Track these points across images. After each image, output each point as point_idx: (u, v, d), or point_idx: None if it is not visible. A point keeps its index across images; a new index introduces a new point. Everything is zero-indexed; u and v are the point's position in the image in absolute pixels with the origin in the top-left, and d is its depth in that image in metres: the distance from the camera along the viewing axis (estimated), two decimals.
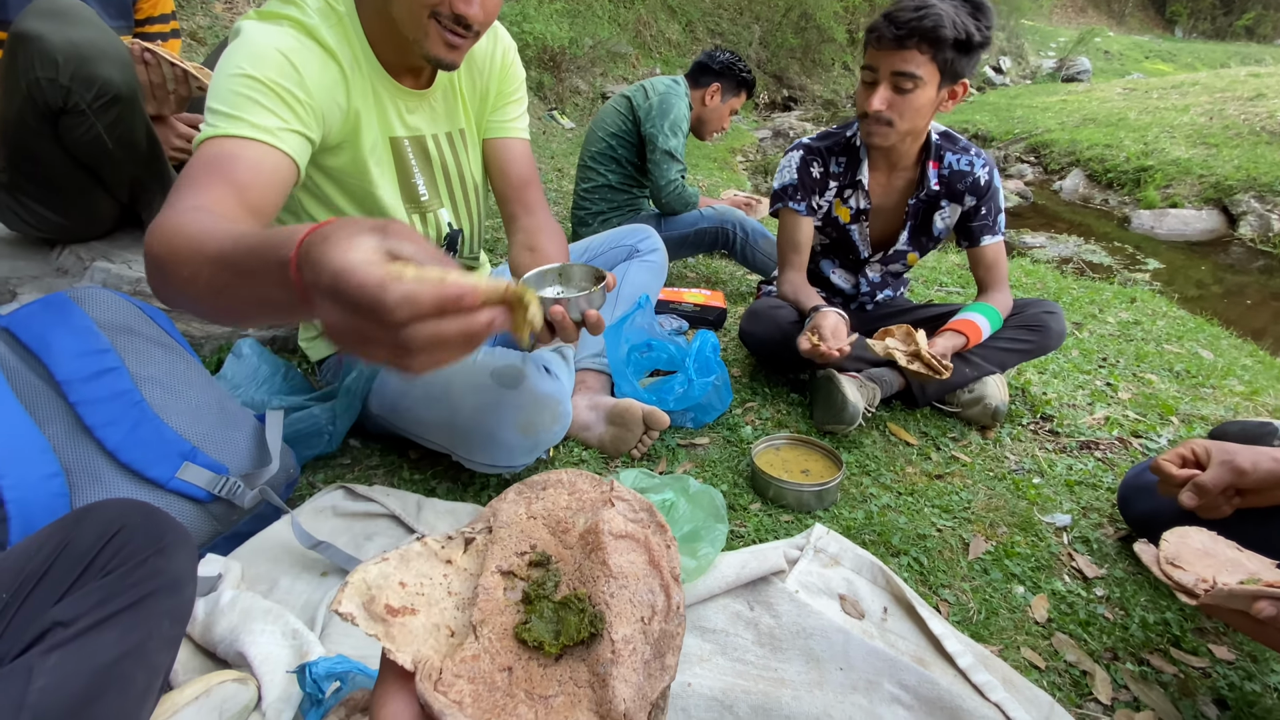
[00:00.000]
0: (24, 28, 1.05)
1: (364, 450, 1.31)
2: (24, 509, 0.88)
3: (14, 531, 0.87)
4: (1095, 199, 5.97)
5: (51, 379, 0.97)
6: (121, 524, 0.69)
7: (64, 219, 1.33)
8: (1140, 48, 17.25)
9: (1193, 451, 0.89)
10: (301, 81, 0.90)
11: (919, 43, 1.25)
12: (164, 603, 0.68)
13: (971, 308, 1.52)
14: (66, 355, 0.98)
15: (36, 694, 0.57)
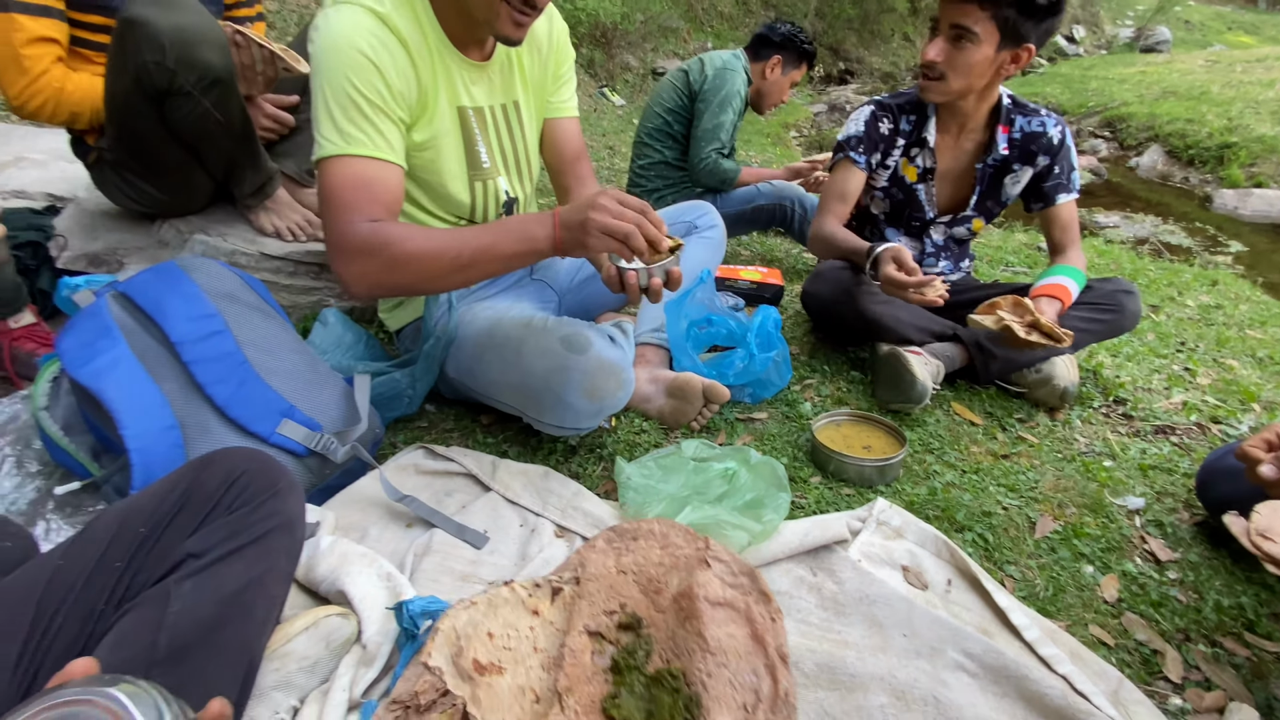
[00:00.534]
0: (133, 14, 1.12)
1: (439, 414, 1.38)
2: (145, 458, 0.97)
3: (136, 479, 0.96)
4: (1175, 176, 5.61)
5: (166, 340, 1.06)
6: (242, 469, 0.76)
7: (164, 194, 1.43)
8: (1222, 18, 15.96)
9: (1276, 434, 0.86)
10: (388, 83, 0.99)
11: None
12: (280, 540, 0.75)
13: (1055, 270, 1.48)
14: (179, 318, 1.07)
15: (173, 616, 0.64)
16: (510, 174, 1.27)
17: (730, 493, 1.04)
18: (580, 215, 0.92)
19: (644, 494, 1.04)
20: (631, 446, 1.26)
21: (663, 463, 1.13)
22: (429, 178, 1.16)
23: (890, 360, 1.39)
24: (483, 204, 1.23)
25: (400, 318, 1.39)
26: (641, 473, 1.10)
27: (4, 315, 1.32)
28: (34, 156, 2.01)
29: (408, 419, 1.36)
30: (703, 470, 1.09)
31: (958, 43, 1.30)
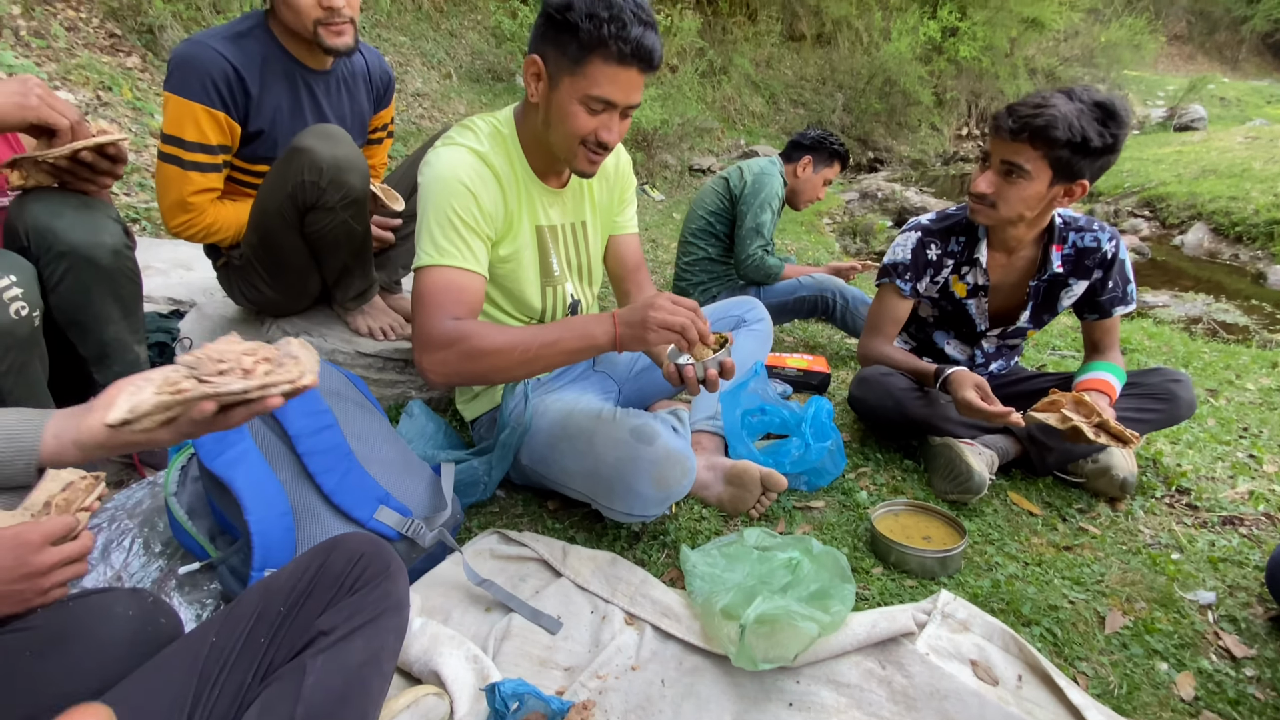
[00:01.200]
0: (302, 143, 1.36)
1: (509, 500, 1.47)
2: (264, 540, 1.09)
3: (256, 559, 1.08)
4: (1223, 254, 5.56)
5: (284, 433, 1.20)
6: (362, 552, 0.86)
7: (281, 295, 1.63)
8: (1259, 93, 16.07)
9: None
10: (479, 207, 1.18)
11: (1030, 138, 1.29)
12: (392, 620, 0.83)
13: (1098, 366, 1.51)
14: (296, 414, 1.21)
15: (308, 690, 0.72)
16: (575, 280, 1.44)
17: (795, 583, 1.08)
18: (639, 314, 1.08)
19: (711, 582, 1.10)
20: (693, 534, 1.32)
21: (726, 551, 1.18)
22: (509, 284, 1.33)
23: (944, 451, 1.43)
24: (552, 306, 1.40)
25: (476, 408, 1.52)
26: (706, 561, 1.15)
27: None
28: (156, 265, 2.29)
29: (481, 504, 1.46)
30: (766, 559, 1.13)
31: (1009, 177, 1.34)
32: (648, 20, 1.06)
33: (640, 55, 1.06)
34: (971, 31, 9.70)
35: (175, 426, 0.66)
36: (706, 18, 8.49)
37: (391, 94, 1.72)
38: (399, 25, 5.94)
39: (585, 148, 1.17)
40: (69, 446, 0.67)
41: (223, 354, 0.68)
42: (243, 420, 0.69)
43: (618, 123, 1.15)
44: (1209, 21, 20.78)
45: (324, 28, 1.39)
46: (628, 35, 1.03)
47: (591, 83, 1.09)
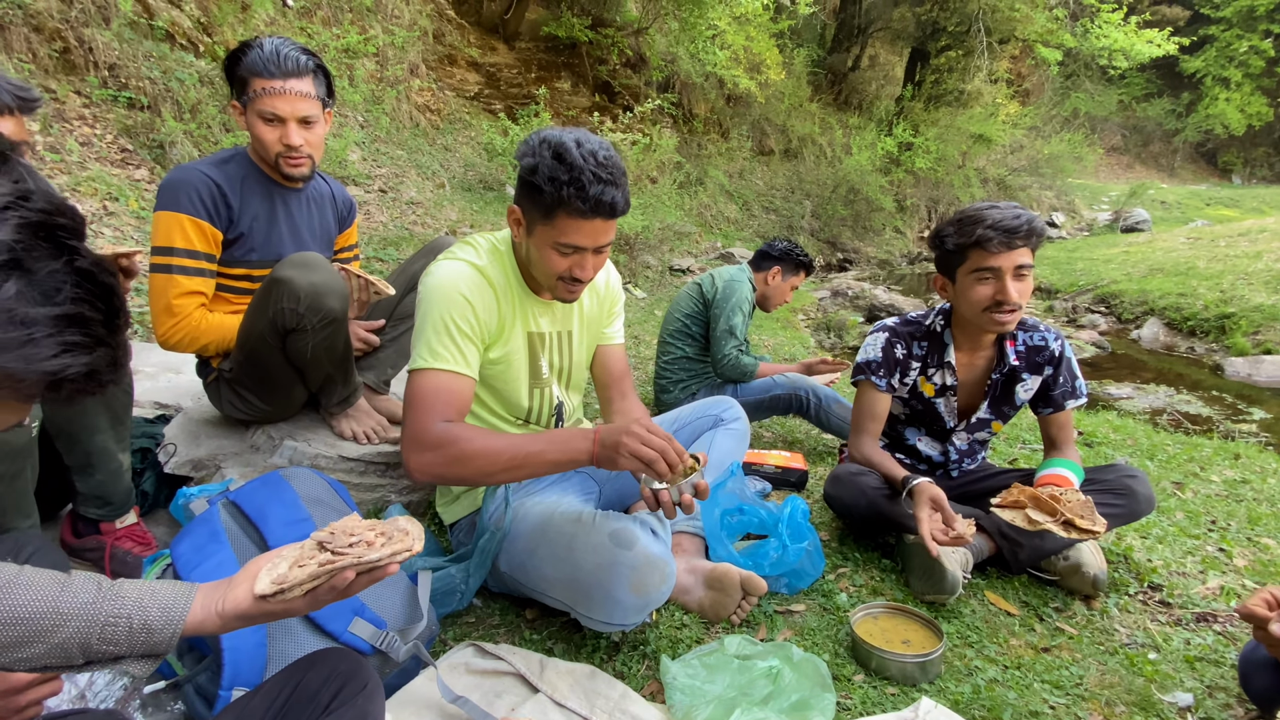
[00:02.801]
0: (280, 274, 1.45)
1: (485, 609, 1.45)
2: (235, 655, 1.07)
3: (225, 676, 1.05)
4: (1179, 346, 5.84)
5: (264, 543, 1.20)
6: (339, 670, 0.85)
7: (269, 406, 1.68)
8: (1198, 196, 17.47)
9: (1273, 595, 0.91)
10: (474, 315, 1.28)
11: (1025, 239, 1.47)
12: None
13: (1055, 463, 1.57)
14: (277, 523, 1.22)
15: None
16: (561, 384, 1.51)
17: (776, 693, 1.07)
18: (615, 437, 1.13)
19: (691, 695, 1.08)
20: (674, 642, 1.30)
21: (706, 661, 1.17)
22: (499, 384, 1.40)
23: (918, 550, 1.46)
24: (539, 406, 1.46)
25: (455, 512, 1.53)
26: (687, 672, 1.14)
27: (113, 516, 1.49)
28: (145, 369, 2.33)
29: (456, 614, 1.43)
30: (747, 669, 1.12)
31: (1021, 278, 1.50)
32: (607, 177, 1.18)
33: (600, 210, 1.19)
34: (925, 146, 10.63)
35: (314, 595, 0.71)
36: (683, 135, 9.23)
37: (354, 218, 1.88)
38: (397, 141, 6.38)
39: (563, 282, 1.29)
40: (213, 616, 0.70)
41: (351, 529, 0.76)
42: (364, 587, 0.74)
43: (591, 260, 1.26)
44: (1142, 134, 22.95)
45: (283, 159, 1.57)
46: (586, 195, 1.16)
47: (559, 232, 1.22)
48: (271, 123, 1.53)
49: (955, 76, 12.09)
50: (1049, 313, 7.12)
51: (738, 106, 10.31)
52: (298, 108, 1.53)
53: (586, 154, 1.18)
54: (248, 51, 1.50)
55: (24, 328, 0.40)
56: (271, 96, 1.51)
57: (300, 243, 1.68)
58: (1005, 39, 11.82)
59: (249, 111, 1.53)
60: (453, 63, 8.04)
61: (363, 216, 5.13)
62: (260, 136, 1.55)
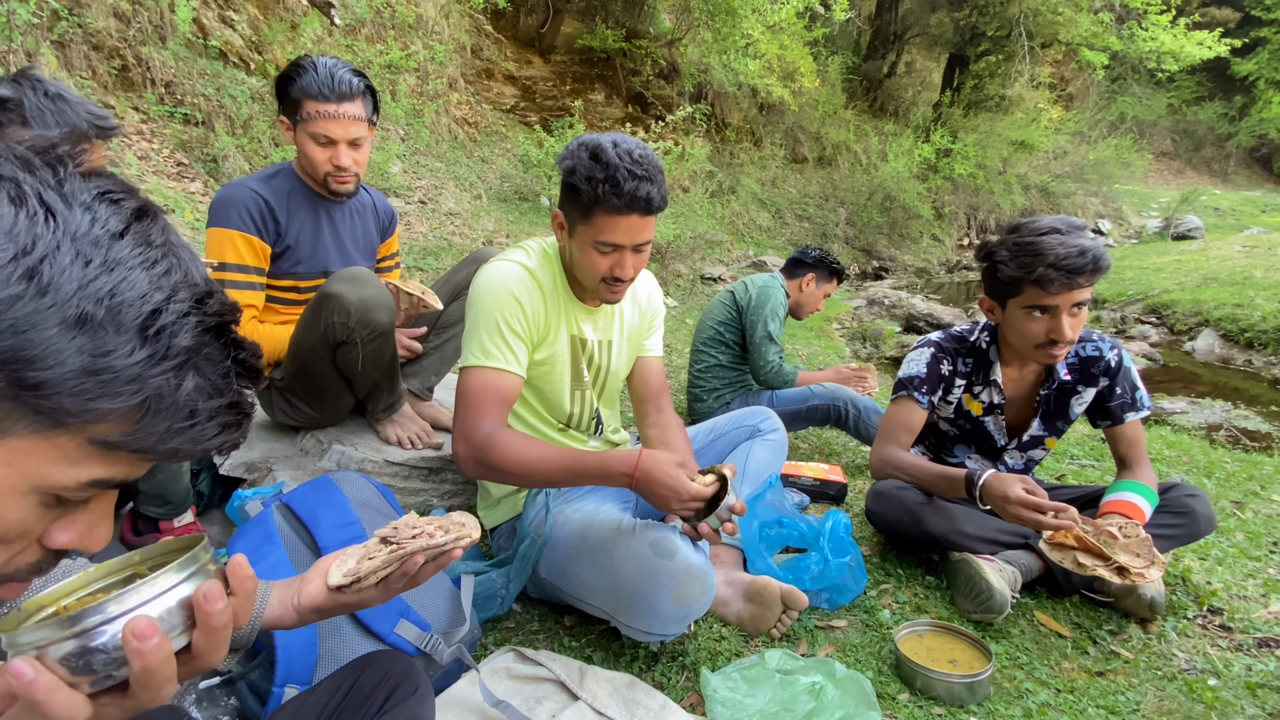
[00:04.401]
0: (330, 289, 1.51)
1: (525, 615, 1.47)
2: (288, 654, 1.11)
3: (279, 673, 1.09)
4: (1235, 359, 5.58)
5: (315, 545, 1.24)
6: (393, 672, 0.88)
7: (318, 413, 1.73)
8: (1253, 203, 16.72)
9: None
10: (524, 315, 1.33)
11: (1090, 277, 1.40)
12: None
13: (1125, 486, 1.49)
14: (328, 526, 1.26)
15: None
16: (595, 392, 1.53)
17: (818, 710, 1.06)
18: (650, 482, 1.18)
19: (732, 708, 1.07)
20: (714, 655, 1.30)
21: (747, 674, 1.16)
22: (543, 385, 1.44)
23: (964, 568, 1.42)
24: (579, 411, 1.49)
25: (495, 516, 1.55)
26: (727, 685, 1.13)
27: (171, 515, 1.55)
28: None
29: (496, 619, 1.45)
30: (789, 684, 1.11)
31: (1075, 315, 1.44)
32: (642, 173, 1.20)
33: (636, 205, 1.21)
34: (964, 152, 10.41)
35: (387, 584, 0.73)
36: (715, 144, 9.23)
37: (395, 228, 1.94)
38: (436, 153, 6.54)
39: (605, 283, 1.32)
40: (290, 611, 0.73)
41: (412, 523, 0.80)
42: (432, 574, 0.76)
43: (630, 259, 1.29)
44: (1193, 139, 22.09)
45: (332, 178, 1.63)
46: (621, 190, 1.19)
47: (598, 231, 1.25)
48: (324, 145, 1.59)
49: (996, 82, 11.83)
50: (1096, 323, 6.89)
51: (771, 115, 10.27)
52: (349, 130, 1.59)
53: (622, 153, 1.21)
54: (301, 74, 1.56)
55: (194, 417, 0.44)
56: (325, 120, 1.56)
57: (344, 253, 1.74)
58: (1048, 43, 11.53)
59: (299, 130, 1.59)
60: (490, 76, 8.21)
61: (403, 227, 5.27)
62: (311, 155, 1.61)
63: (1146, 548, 1.30)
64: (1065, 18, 10.74)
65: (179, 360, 0.43)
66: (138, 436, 0.43)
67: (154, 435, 0.43)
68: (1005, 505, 1.34)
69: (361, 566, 0.73)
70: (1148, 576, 1.25)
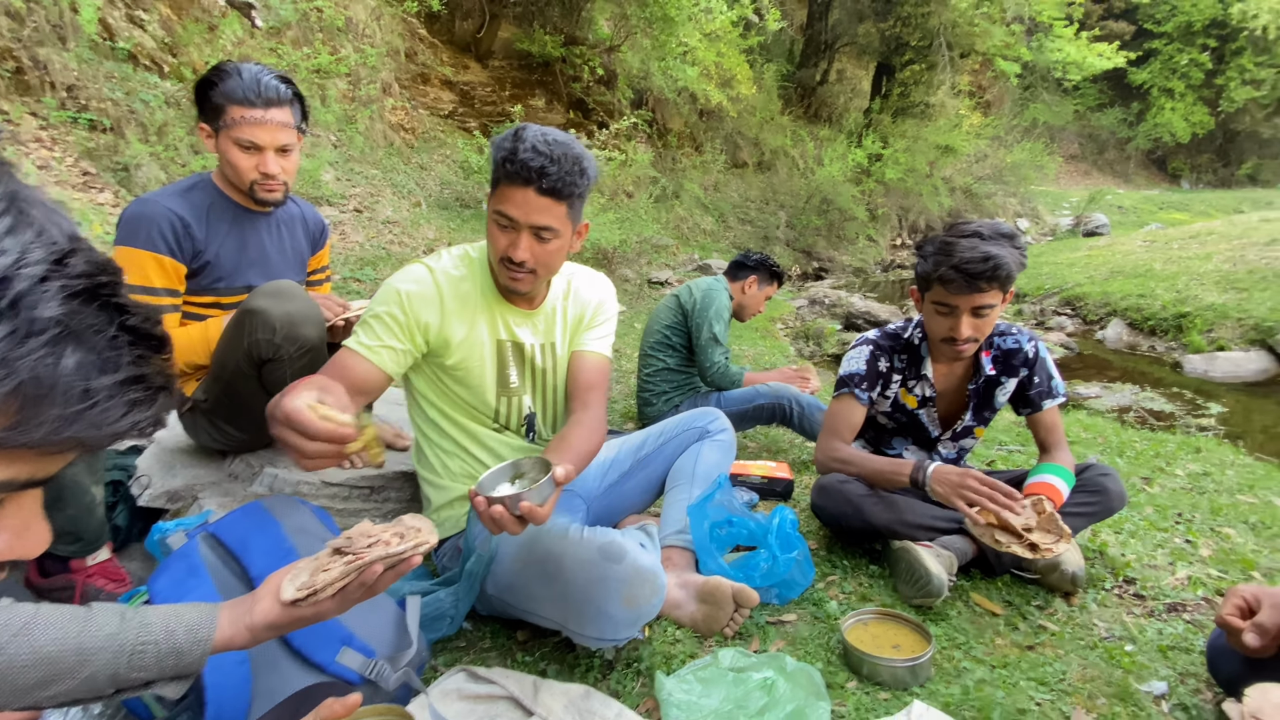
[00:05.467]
0: (253, 305, 1.44)
1: (476, 632, 1.44)
2: (218, 693, 1.04)
3: (209, 715, 1.03)
4: (1141, 346, 6.04)
5: (246, 575, 1.18)
6: None
7: (246, 435, 1.65)
8: (1151, 201, 18.16)
9: (1244, 599, 0.96)
10: (405, 312, 1.31)
11: (989, 283, 1.47)
12: None
13: (1044, 469, 1.60)
14: (260, 554, 1.20)
15: None
16: (537, 396, 1.52)
17: (771, 704, 1.08)
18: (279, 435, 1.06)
19: (687, 710, 1.08)
20: (668, 658, 1.31)
21: (701, 675, 1.17)
22: (459, 388, 1.43)
23: (904, 555, 1.48)
24: (506, 412, 1.48)
25: (438, 533, 1.51)
26: (682, 688, 1.14)
27: (84, 553, 1.44)
28: None
29: (447, 639, 1.41)
30: (742, 681, 1.13)
31: (980, 316, 1.51)
32: (546, 151, 1.21)
33: (529, 177, 1.21)
34: (894, 157, 10.89)
35: (344, 594, 0.71)
36: (658, 150, 9.32)
37: (326, 239, 1.88)
38: (371, 160, 6.34)
39: (504, 266, 1.31)
40: (242, 631, 0.70)
41: (367, 531, 0.77)
42: (391, 582, 0.74)
43: (526, 241, 1.27)
44: (1097, 143, 23.82)
45: (259, 186, 1.57)
46: (517, 159, 1.21)
47: (496, 200, 1.27)
48: (249, 151, 1.53)
49: (920, 89, 12.44)
50: (1018, 316, 7.31)
51: (711, 120, 10.46)
52: (277, 137, 1.54)
53: (538, 133, 1.23)
54: (224, 78, 1.49)
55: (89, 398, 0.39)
56: (251, 126, 1.50)
57: (269, 268, 1.67)
58: (966, 53, 12.21)
59: (222, 137, 1.52)
60: (426, 81, 8.03)
61: (338, 237, 5.09)
62: (235, 163, 1.54)
63: (1055, 524, 1.41)
64: (981, 29, 11.41)
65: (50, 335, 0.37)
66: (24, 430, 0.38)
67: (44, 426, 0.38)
68: (959, 489, 1.43)
69: (317, 579, 0.70)
70: (1055, 550, 1.37)
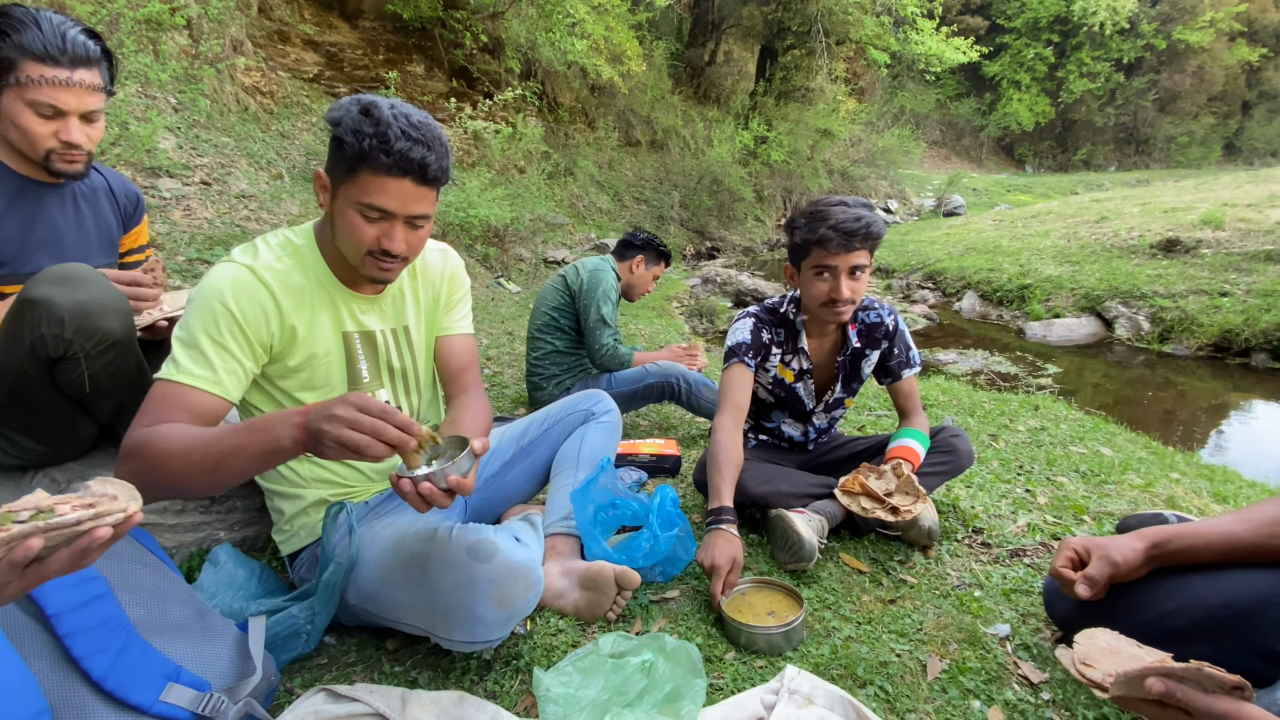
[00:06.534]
0: (33, 294, 1.19)
1: (340, 647, 1.32)
2: None
3: None
4: (991, 315, 6.72)
5: (41, 614, 0.99)
6: None
7: (47, 447, 1.39)
8: (1001, 184, 20.24)
9: (1074, 551, 1.07)
10: (241, 326, 1.15)
11: (863, 241, 1.57)
12: None
13: (903, 434, 1.73)
14: (56, 587, 1.01)
15: None
16: (395, 387, 1.40)
17: (650, 687, 1.07)
18: (317, 423, 0.94)
19: (565, 704, 1.05)
20: (549, 650, 1.26)
21: (580, 665, 1.14)
22: (303, 393, 1.27)
23: (778, 523, 1.53)
24: None
25: (294, 543, 1.37)
26: (560, 681, 1.10)
27: None
28: None
29: (305, 658, 1.28)
30: (621, 667, 1.11)
31: (856, 276, 1.60)
32: (418, 137, 1.09)
33: (407, 168, 1.10)
34: (778, 140, 11.31)
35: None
36: (549, 124, 9.07)
37: (142, 213, 1.64)
38: (221, 126, 5.65)
39: (373, 257, 1.18)
40: None
41: (35, 502, 0.61)
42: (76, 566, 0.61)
43: (401, 231, 1.16)
44: (956, 129, 26.13)
45: (57, 156, 1.34)
46: (390, 149, 1.08)
47: (362, 191, 1.12)
48: (48, 116, 1.29)
49: (801, 74, 12.96)
50: (887, 290, 7.89)
51: (602, 97, 10.31)
52: (85, 101, 1.31)
53: (398, 114, 1.10)
54: (20, 28, 1.23)
55: None
56: (53, 88, 1.27)
57: (64, 250, 1.41)
58: (841, 40, 12.83)
59: (10, 96, 1.27)
60: (285, 40, 7.26)
61: (182, 213, 4.50)
62: (28, 129, 1.29)
63: (913, 486, 1.53)
64: (854, 18, 12.02)
65: None
66: None
67: None
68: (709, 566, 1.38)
69: None
70: (914, 511, 1.48)
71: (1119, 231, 7.63)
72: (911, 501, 1.49)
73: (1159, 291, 5.90)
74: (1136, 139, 26.83)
